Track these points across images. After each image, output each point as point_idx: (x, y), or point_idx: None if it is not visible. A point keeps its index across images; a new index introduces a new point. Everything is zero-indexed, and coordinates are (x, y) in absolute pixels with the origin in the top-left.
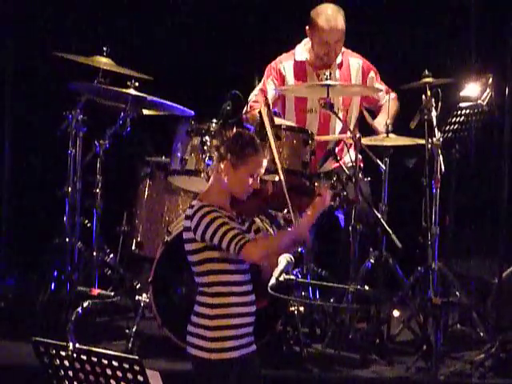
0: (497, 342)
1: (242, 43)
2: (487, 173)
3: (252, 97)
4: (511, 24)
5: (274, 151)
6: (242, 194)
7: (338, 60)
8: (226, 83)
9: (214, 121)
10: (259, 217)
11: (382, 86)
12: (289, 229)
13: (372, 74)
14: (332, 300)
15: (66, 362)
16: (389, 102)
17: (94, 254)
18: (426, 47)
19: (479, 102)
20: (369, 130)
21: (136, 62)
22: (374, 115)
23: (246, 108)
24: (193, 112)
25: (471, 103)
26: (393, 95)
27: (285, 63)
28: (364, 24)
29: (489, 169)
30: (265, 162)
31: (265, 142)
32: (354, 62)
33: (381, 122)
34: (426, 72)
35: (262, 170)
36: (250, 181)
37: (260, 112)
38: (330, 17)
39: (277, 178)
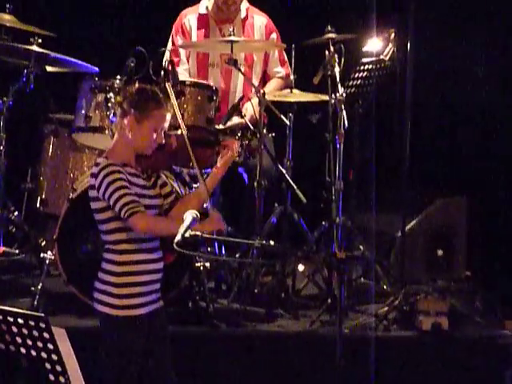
0: (400, 295)
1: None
2: (390, 127)
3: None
4: None
5: (176, 107)
6: (147, 149)
7: (243, 14)
8: (130, 40)
9: (118, 77)
10: (164, 173)
11: (283, 69)
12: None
13: (274, 35)
14: (237, 255)
15: None
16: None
17: None
18: (328, 2)
19: (381, 57)
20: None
21: (39, 19)
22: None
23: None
24: (97, 69)
25: (373, 58)
26: (284, 72)
27: (189, 16)
28: None
29: (391, 123)
30: (168, 116)
31: (168, 98)
32: (258, 19)
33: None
34: (329, 28)
35: (166, 125)
36: (154, 135)
37: (164, 68)
38: None
39: (179, 132)
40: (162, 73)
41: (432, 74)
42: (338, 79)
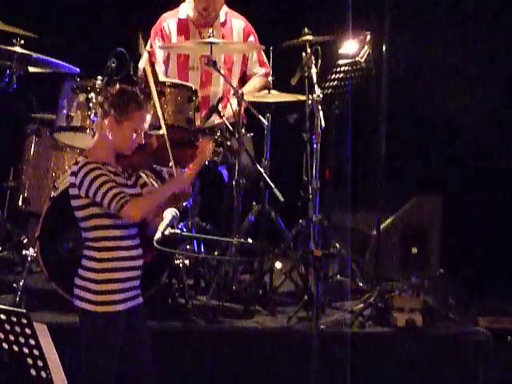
0: (375, 292)
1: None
2: (365, 128)
3: (142, 63)
4: None
5: (158, 107)
6: (127, 150)
7: (222, 19)
8: (111, 40)
9: (100, 78)
10: (144, 171)
11: (263, 69)
12: (167, 182)
13: (252, 38)
14: (216, 253)
15: None
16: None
17: None
18: (306, 4)
19: (357, 59)
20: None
21: (21, 20)
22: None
23: (139, 74)
24: (78, 69)
25: (350, 60)
26: (264, 71)
27: (169, 20)
28: None
29: (367, 124)
30: (148, 118)
31: (149, 99)
32: (237, 23)
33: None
34: (306, 30)
35: (146, 126)
36: (134, 136)
37: (144, 69)
38: None
39: (161, 132)
40: (143, 73)
41: (407, 75)
42: (314, 80)
